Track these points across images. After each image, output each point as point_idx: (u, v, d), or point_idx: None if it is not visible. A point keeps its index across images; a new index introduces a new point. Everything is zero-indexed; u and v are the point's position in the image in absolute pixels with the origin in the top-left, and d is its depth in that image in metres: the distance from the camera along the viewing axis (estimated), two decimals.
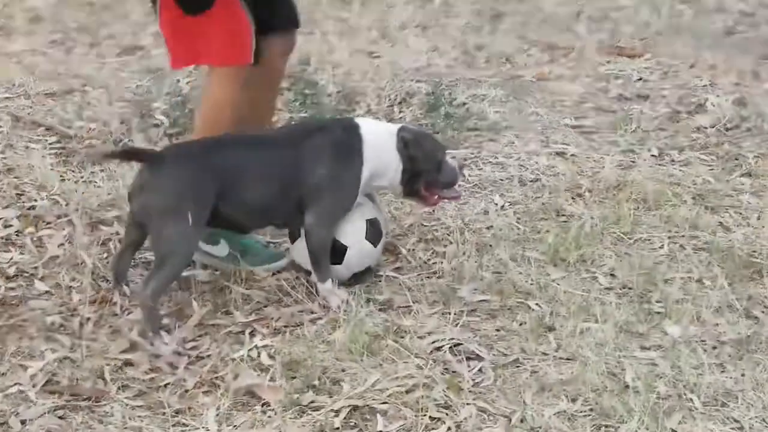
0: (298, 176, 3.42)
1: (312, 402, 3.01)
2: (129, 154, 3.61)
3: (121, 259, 3.47)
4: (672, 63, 5.85)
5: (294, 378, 3.09)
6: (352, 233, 3.51)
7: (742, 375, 3.14)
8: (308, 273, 3.58)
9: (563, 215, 4.09)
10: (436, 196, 3.64)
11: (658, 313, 3.47)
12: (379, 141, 3.51)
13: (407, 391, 3.04)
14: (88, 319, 3.34)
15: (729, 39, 6.43)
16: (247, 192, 3.38)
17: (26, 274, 3.60)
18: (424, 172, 3.56)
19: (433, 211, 4.00)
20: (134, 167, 4.11)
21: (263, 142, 3.55)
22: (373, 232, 3.55)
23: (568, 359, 3.22)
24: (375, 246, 3.55)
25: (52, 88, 5.05)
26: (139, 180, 3.33)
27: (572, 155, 4.68)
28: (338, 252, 3.50)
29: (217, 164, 3.35)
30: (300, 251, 3.56)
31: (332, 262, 3.51)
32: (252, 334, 3.31)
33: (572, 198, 4.24)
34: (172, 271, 3.29)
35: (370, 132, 3.51)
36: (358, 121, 3.59)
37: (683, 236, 3.97)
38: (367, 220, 3.54)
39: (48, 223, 3.88)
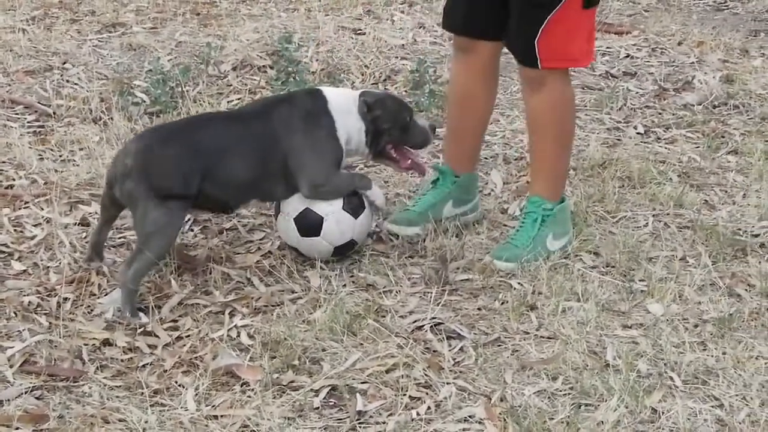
0: (275, 146, 3.42)
1: (292, 382, 2.99)
2: None
3: (99, 234, 3.46)
4: (660, 40, 5.82)
5: (274, 358, 3.07)
6: (327, 203, 3.48)
7: (723, 353, 3.12)
8: (291, 249, 3.57)
9: None
10: (408, 160, 3.65)
11: (641, 291, 3.45)
12: (342, 102, 3.54)
13: (387, 371, 3.03)
14: (66, 299, 3.32)
15: (718, 15, 6.40)
16: (229, 168, 3.37)
17: (3, 254, 3.56)
18: (389, 131, 3.58)
19: (410, 174, 4.01)
20: (114, 146, 4.10)
21: (238, 118, 3.56)
22: (352, 203, 3.51)
23: (549, 338, 3.20)
24: (355, 217, 3.51)
25: (31, 65, 5.00)
26: (122, 165, 3.30)
27: None
28: (314, 223, 3.48)
29: (198, 144, 3.35)
30: (282, 225, 3.54)
31: (309, 234, 3.49)
32: (232, 314, 3.29)
33: None
34: (155, 254, 3.27)
35: (332, 95, 3.55)
36: (319, 87, 3.66)
37: (668, 214, 3.96)
38: None
39: (26, 202, 3.85)
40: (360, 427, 2.83)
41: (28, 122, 4.51)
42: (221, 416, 2.85)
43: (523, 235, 3.60)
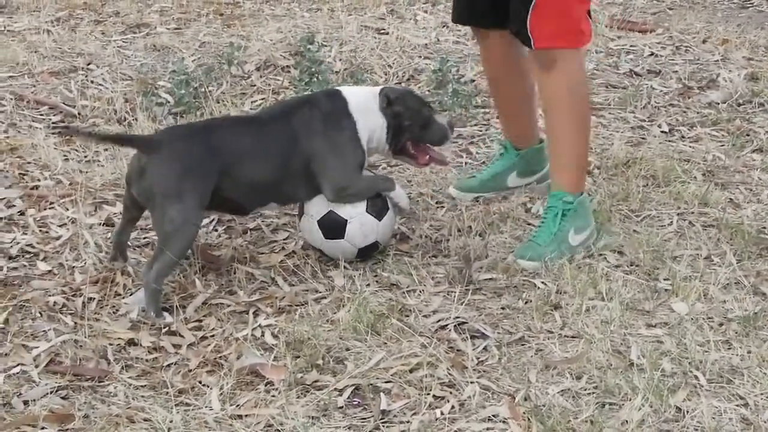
0: (296, 149, 3.43)
1: (316, 381, 2.99)
2: (122, 141, 3.69)
3: (122, 233, 3.49)
4: (684, 38, 5.79)
5: (298, 357, 3.08)
6: (351, 206, 3.49)
7: (749, 352, 3.11)
8: (315, 250, 3.57)
9: None
10: (427, 156, 3.67)
11: (666, 290, 3.44)
12: (362, 101, 3.55)
13: (411, 370, 3.03)
14: (91, 299, 3.33)
15: (743, 13, 6.36)
16: (248, 169, 3.38)
17: (29, 255, 3.59)
18: (409, 128, 3.59)
19: (431, 170, 4.08)
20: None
21: (258, 120, 3.58)
22: (376, 205, 3.52)
23: (573, 337, 3.20)
24: (379, 219, 3.52)
25: (56, 66, 5.04)
26: (137, 165, 3.32)
27: None
28: (338, 226, 3.48)
29: (216, 144, 3.36)
30: (306, 227, 3.55)
31: (333, 237, 3.49)
32: (256, 314, 3.30)
33: None
34: (175, 254, 3.28)
35: (351, 94, 3.56)
36: (338, 88, 3.68)
37: (692, 213, 3.94)
38: None
39: (51, 203, 3.87)
40: (384, 426, 2.83)
41: (53, 123, 4.54)
42: (246, 416, 2.86)
43: (545, 232, 3.60)
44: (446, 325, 3.25)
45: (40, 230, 3.72)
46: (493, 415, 2.86)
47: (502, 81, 3.93)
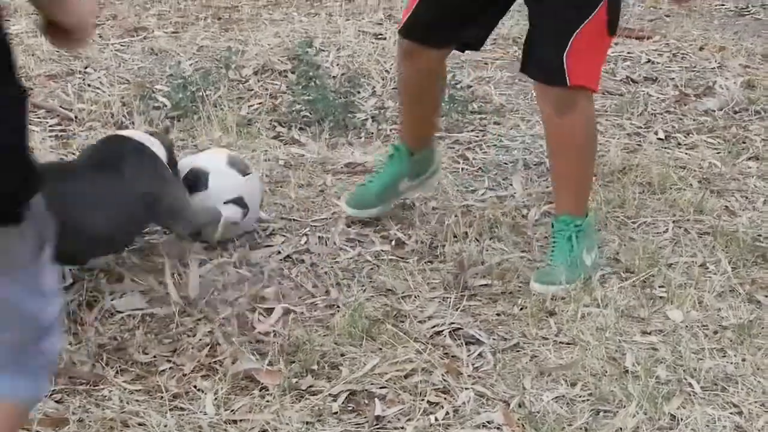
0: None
1: (310, 386, 2.99)
2: None
3: None
4: (681, 45, 5.80)
5: (293, 362, 3.07)
6: (213, 158, 3.32)
7: (743, 360, 3.11)
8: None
9: None
10: None
11: (661, 297, 3.45)
12: None
13: (406, 376, 3.03)
14: (87, 303, 3.32)
15: (740, 20, 6.38)
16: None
17: None
18: None
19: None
20: None
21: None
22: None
23: (568, 344, 3.20)
24: (243, 175, 3.37)
25: (53, 69, 5.04)
26: None
27: None
28: (201, 178, 3.36)
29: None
30: None
31: (195, 191, 3.38)
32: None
33: None
34: None
35: None
36: None
37: (688, 220, 3.94)
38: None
39: None
40: None
41: (50, 126, 4.53)
42: (240, 420, 2.86)
43: (560, 256, 3.53)
44: (441, 331, 3.25)
45: None
46: (488, 422, 2.86)
47: (424, 88, 3.76)
